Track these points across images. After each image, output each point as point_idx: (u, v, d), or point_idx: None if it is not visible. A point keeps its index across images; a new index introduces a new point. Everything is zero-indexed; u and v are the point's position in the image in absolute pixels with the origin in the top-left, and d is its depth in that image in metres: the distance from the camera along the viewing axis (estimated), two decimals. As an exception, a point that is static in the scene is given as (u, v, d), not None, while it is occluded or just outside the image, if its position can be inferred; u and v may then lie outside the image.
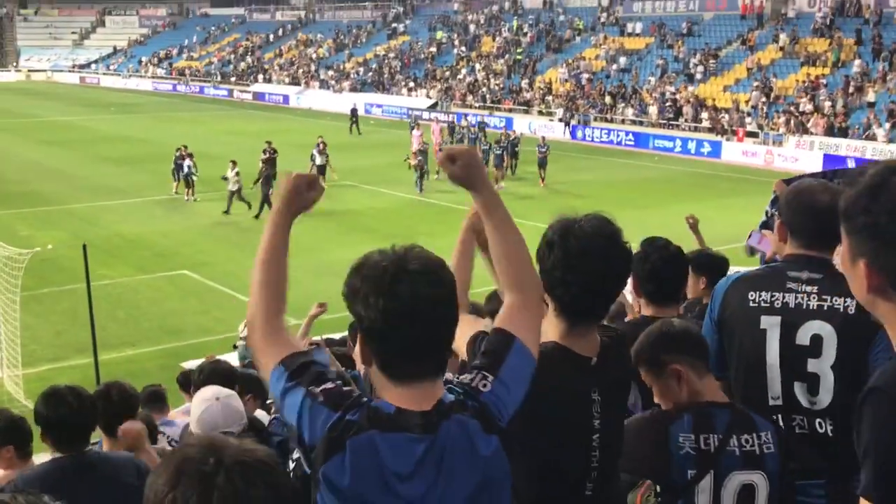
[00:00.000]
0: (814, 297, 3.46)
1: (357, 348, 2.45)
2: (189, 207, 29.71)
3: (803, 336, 3.44)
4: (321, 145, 32.80)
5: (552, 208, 3.20)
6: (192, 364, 11.90)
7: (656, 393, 3.35)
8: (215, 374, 5.96)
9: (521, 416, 2.70)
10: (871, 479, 1.99)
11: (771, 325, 3.48)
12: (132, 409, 5.17)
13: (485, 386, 2.44)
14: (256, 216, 27.12)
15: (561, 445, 2.93)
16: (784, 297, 3.49)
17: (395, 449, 2.24)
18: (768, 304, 3.50)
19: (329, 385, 2.31)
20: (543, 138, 35.21)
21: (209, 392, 4.68)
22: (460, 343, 2.76)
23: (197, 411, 4.62)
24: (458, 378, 2.51)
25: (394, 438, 2.24)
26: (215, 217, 28.18)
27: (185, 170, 30.37)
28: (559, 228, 2.90)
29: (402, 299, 2.24)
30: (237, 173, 28.14)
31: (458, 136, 41.46)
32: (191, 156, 30.61)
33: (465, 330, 2.80)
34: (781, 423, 3.49)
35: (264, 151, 30.41)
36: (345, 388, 2.34)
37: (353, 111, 51.18)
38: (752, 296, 3.54)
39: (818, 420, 3.48)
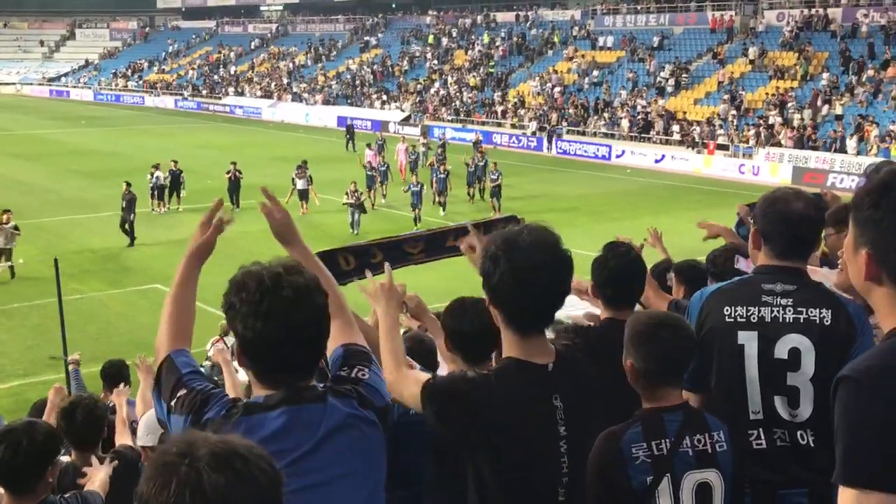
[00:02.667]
0: (790, 310, 3.47)
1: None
2: (160, 221, 29.53)
3: (781, 350, 3.46)
4: (301, 170, 31.29)
5: (530, 219, 3.22)
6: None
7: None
8: None
9: (487, 431, 2.87)
10: (841, 463, 2.06)
11: (748, 340, 3.49)
12: (98, 428, 5.12)
13: (363, 374, 2.78)
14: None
15: (529, 455, 2.96)
16: (760, 311, 3.50)
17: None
18: (744, 319, 3.50)
19: (182, 392, 2.62)
20: (495, 164, 32.47)
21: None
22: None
23: (145, 418, 4.62)
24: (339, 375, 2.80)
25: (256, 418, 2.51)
26: (187, 230, 27.99)
27: (156, 181, 30.96)
28: (502, 244, 2.94)
29: (277, 324, 2.48)
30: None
31: (413, 156, 38.82)
32: (157, 166, 31.45)
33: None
34: (763, 437, 3.51)
35: (228, 172, 31.16)
36: (201, 394, 2.60)
37: (350, 128, 49.72)
38: (727, 311, 3.54)
39: (800, 432, 3.49)
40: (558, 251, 2.96)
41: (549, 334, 3.24)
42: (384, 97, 63.54)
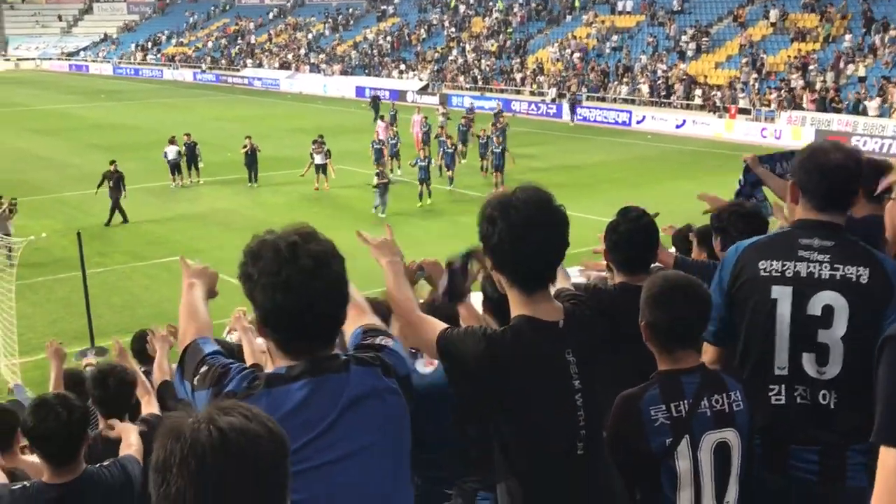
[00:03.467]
0: (826, 267, 3.42)
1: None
2: (180, 194, 29.65)
3: (815, 306, 3.42)
4: (318, 144, 30.21)
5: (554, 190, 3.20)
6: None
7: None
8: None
9: (504, 386, 2.94)
10: (885, 423, 2.05)
11: (782, 295, 3.45)
12: (129, 396, 5.18)
13: (385, 342, 2.77)
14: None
15: (547, 411, 3.03)
16: (796, 266, 3.45)
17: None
18: (779, 273, 3.46)
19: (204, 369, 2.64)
20: (498, 136, 31.18)
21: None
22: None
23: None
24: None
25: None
26: (208, 203, 28.17)
27: (172, 156, 30.68)
28: (497, 205, 3.02)
29: (297, 294, 2.46)
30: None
31: (425, 128, 35.29)
32: (173, 138, 30.99)
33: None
34: (783, 393, 3.49)
35: (244, 146, 30.57)
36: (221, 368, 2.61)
37: (375, 99, 48.42)
38: (762, 265, 3.49)
39: (822, 391, 3.46)
40: (552, 206, 3.03)
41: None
42: (402, 66, 63.31)
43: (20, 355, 15.07)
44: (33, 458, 4.82)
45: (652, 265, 4.40)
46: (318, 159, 29.94)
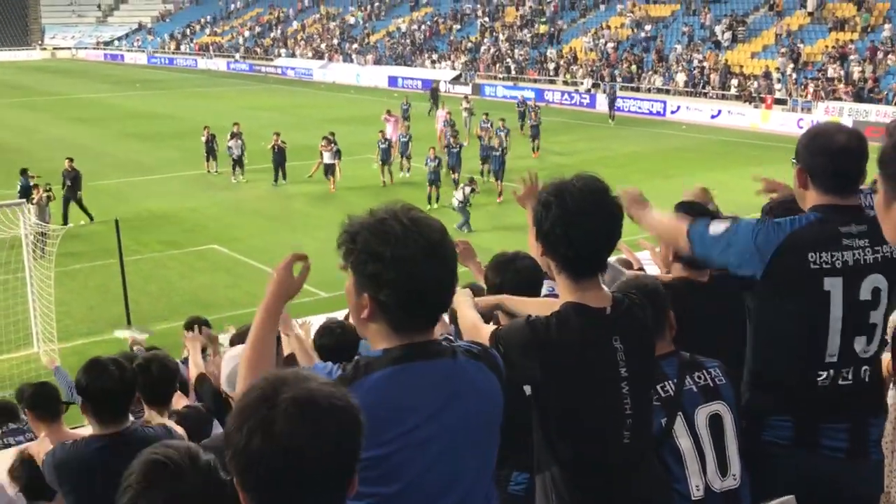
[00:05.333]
0: (868, 251, 3.44)
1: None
2: (215, 182, 29.83)
3: (865, 291, 3.46)
4: (327, 141, 28.08)
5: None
6: (224, 337, 12.16)
7: None
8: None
9: (551, 372, 2.96)
10: None
11: (834, 286, 3.44)
12: (172, 382, 5.27)
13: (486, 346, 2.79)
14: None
15: (594, 397, 3.04)
16: (843, 256, 3.44)
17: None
18: (830, 265, 3.44)
19: None
20: (502, 121, 29.88)
21: (236, 350, 4.69)
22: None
23: (226, 368, 4.66)
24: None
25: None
26: (242, 191, 28.37)
27: (239, 151, 29.43)
28: (553, 190, 3.07)
29: (424, 281, 2.40)
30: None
31: (450, 124, 31.77)
32: (239, 135, 29.65)
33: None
34: (829, 379, 3.49)
35: (271, 144, 28.95)
36: None
37: (434, 90, 46.09)
38: (812, 256, 3.44)
39: (864, 367, 3.53)
40: (607, 196, 3.06)
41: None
42: (434, 56, 63.26)
43: (59, 341, 15.30)
44: (77, 431, 5.08)
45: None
46: (328, 158, 27.88)
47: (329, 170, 27.92)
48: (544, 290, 4.22)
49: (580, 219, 2.98)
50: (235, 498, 1.89)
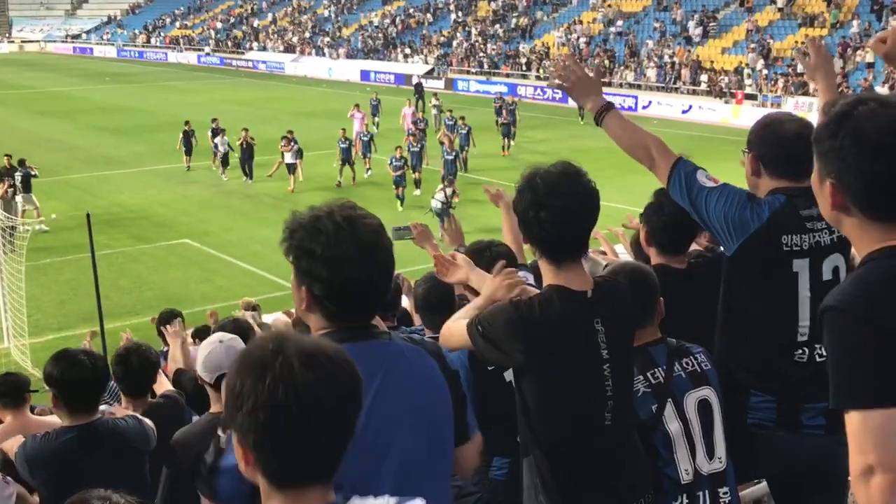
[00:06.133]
0: (826, 233, 3.55)
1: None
2: (186, 177, 29.61)
3: (827, 271, 3.57)
4: (287, 140, 27.35)
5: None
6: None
7: None
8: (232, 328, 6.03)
9: (532, 354, 3.00)
10: (838, 390, 2.20)
11: (802, 267, 3.56)
12: (152, 374, 5.26)
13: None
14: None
15: (576, 379, 3.08)
16: (810, 238, 3.55)
17: None
18: (799, 248, 3.55)
19: None
20: (462, 119, 29.31)
21: (214, 336, 4.65)
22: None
23: (203, 353, 4.64)
24: None
25: None
26: (213, 186, 28.19)
27: (223, 148, 28.83)
28: (528, 175, 3.14)
29: (354, 279, 2.48)
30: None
31: (422, 123, 32.18)
32: (223, 131, 29.25)
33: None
34: (806, 356, 3.59)
35: (239, 139, 28.32)
36: None
37: (418, 87, 44.88)
38: (784, 239, 3.54)
39: None
40: (580, 178, 3.11)
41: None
42: (407, 50, 63.13)
43: (29, 336, 15.15)
44: (43, 419, 5.20)
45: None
46: (288, 158, 27.30)
47: (290, 169, 27.32)
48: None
49: (550, 199, 3.03)
50: None
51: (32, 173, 23.13)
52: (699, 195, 3.59)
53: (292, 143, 27.27)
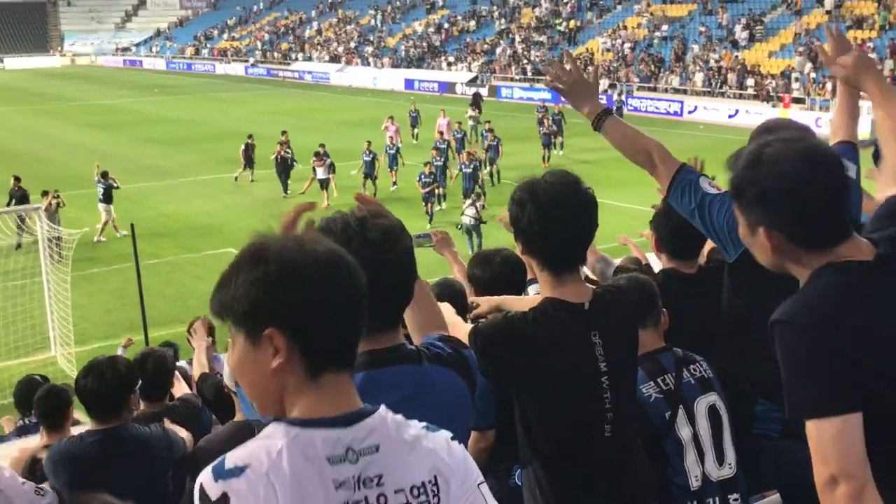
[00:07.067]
0: None
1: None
2: (232, 187, 29.89)
3: None
4: (319, 157, 26.47)
5: (606, 182, 3.22)
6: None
7: None
8: None
9: (528, 368, 2.98)
10: (795, 401, 2.23)
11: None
12: (167, 378, 5.34)
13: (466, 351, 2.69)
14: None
15: (573, 392, 3.04)
16: None
17: None
18: None
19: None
20: (491, 132, 28.31)
21: None
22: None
23: (227, 367, 4.69)
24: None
25: None
26: (257, 195, 28.42)
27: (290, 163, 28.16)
28: (526, 188, 3.07)
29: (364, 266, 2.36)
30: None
31: (459, 134, 31.28)
32: (287, 143, 28.41)
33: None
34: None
35: (273, 153, 28.07)
36: None
37: (476, 95, 42.55)
38: None
39: None
40: (579, 187, 3.06)
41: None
42: (451, 58, 63.26)
43: (76, 345, 15.38)
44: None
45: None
46: (321, 173, 26.43)
47: (323, 184, 26.52)
48: (532, 291, 4.24)
49: (555, 211, 2.99)
50: None
51: (115, 185, 23.78)
52: (703, 201, 3.55)
53: (325, 159, 26.58)
